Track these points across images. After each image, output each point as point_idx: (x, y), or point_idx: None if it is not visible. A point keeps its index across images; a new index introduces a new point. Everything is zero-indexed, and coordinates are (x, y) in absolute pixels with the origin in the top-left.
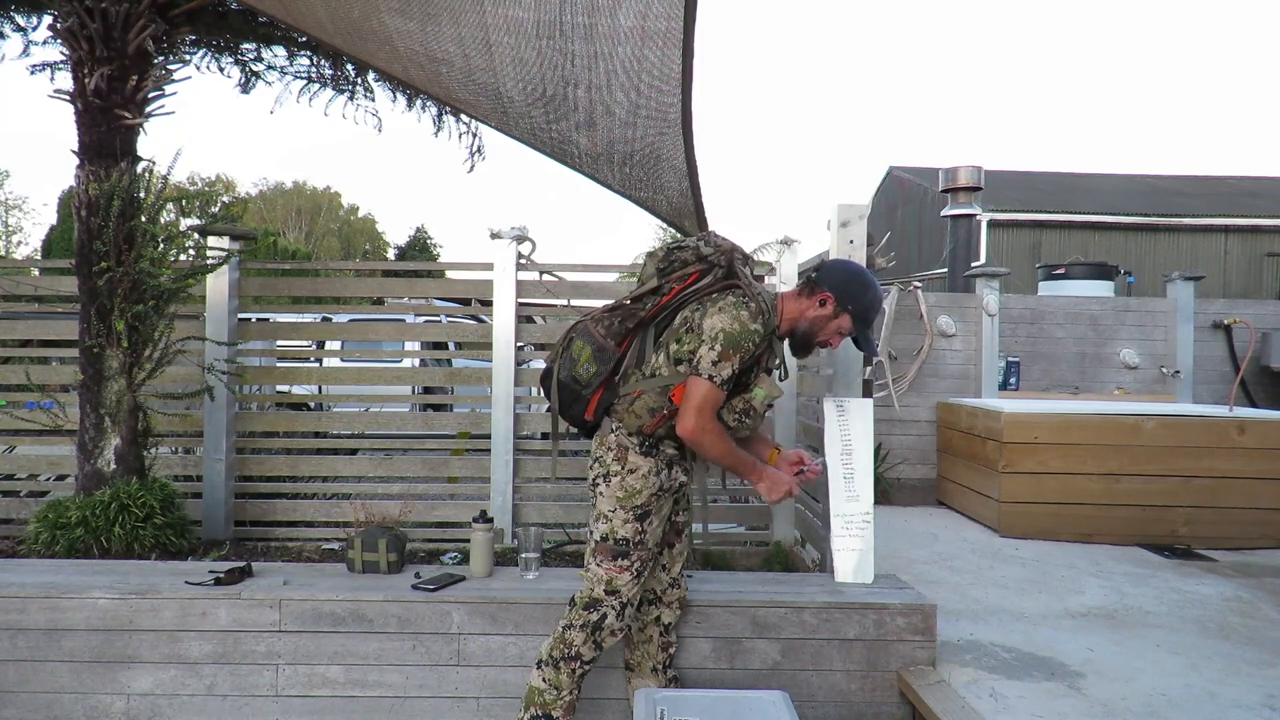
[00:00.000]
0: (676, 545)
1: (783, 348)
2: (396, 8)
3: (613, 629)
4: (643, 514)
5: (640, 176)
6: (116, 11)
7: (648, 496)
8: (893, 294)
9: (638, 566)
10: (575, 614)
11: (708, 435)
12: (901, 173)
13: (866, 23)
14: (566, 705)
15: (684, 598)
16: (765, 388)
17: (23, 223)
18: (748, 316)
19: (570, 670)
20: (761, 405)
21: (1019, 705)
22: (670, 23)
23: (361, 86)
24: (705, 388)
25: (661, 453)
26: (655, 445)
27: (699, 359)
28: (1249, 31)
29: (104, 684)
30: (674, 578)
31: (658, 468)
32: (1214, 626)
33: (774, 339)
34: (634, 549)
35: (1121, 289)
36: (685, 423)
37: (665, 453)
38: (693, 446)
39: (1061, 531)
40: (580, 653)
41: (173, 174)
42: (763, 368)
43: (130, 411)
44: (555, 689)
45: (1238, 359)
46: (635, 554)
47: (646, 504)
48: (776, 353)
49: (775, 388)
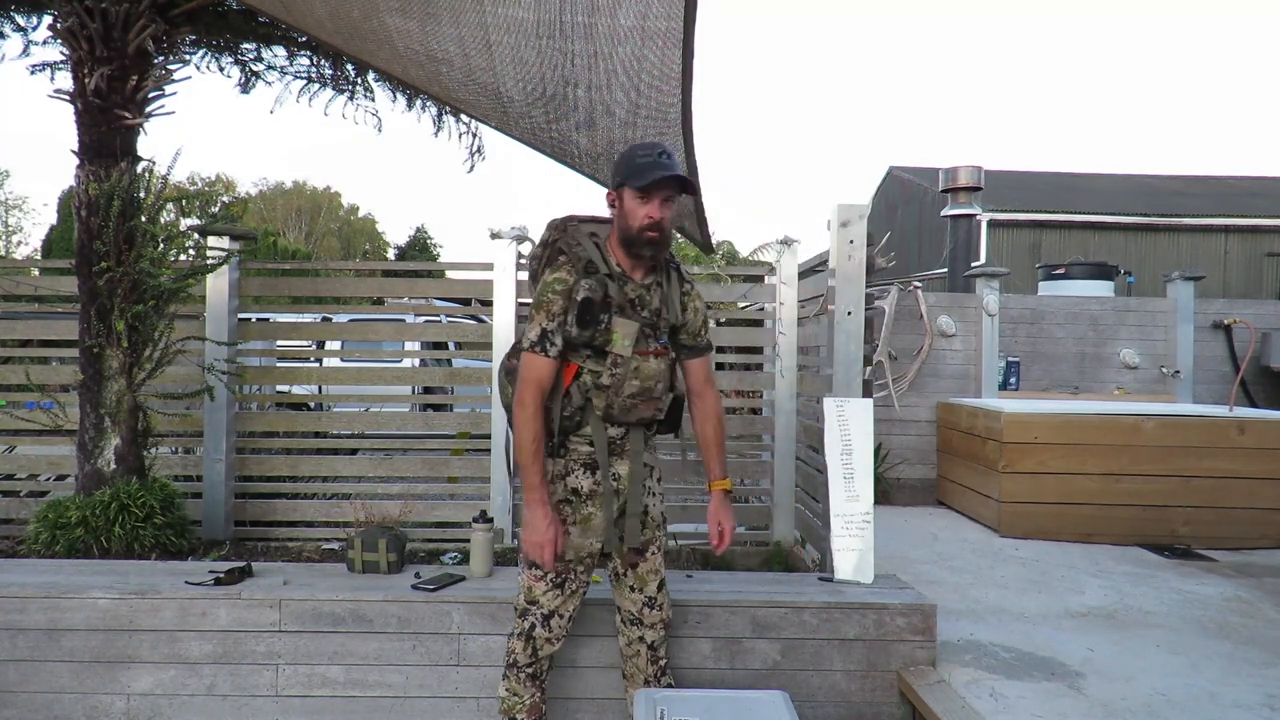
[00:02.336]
0: (640, 565)
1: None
2: (396, 8)
3: (543, 638)
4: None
5: None
6: (116, 11)
7: (555, 503)
8: (893, 294)
9: (553, 579)
10: (515, 621)
11: (518, 409)
12: (901, 173)
13: (867, 23)
14: (529, 707)
15: (667, 619)
16: (620, 329)
17: (23, 223)
18: (551, 272)
19: (518, 676)
20: (624, 348)
21: (1019, 705)
22: (670, 22)
23: (361, 86)
24: (524, 357)
25: (571, 452)
26: (563, 444)
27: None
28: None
29: (104, 684)
30: (650, 598)
31: (565, 470)
32: (1214, 626)
33: (606, 279)
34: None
35: (1121, 289)
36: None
37: (576, 451)
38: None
39: (1061, 531)
40: (518, 659)
41: (173, 174)
42: (611, 311)
43: (130, 411)
44: (515, 695)
45: (1238, 359)
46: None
47: (556, 511)
48: (614, 292)
49: (628, 325)
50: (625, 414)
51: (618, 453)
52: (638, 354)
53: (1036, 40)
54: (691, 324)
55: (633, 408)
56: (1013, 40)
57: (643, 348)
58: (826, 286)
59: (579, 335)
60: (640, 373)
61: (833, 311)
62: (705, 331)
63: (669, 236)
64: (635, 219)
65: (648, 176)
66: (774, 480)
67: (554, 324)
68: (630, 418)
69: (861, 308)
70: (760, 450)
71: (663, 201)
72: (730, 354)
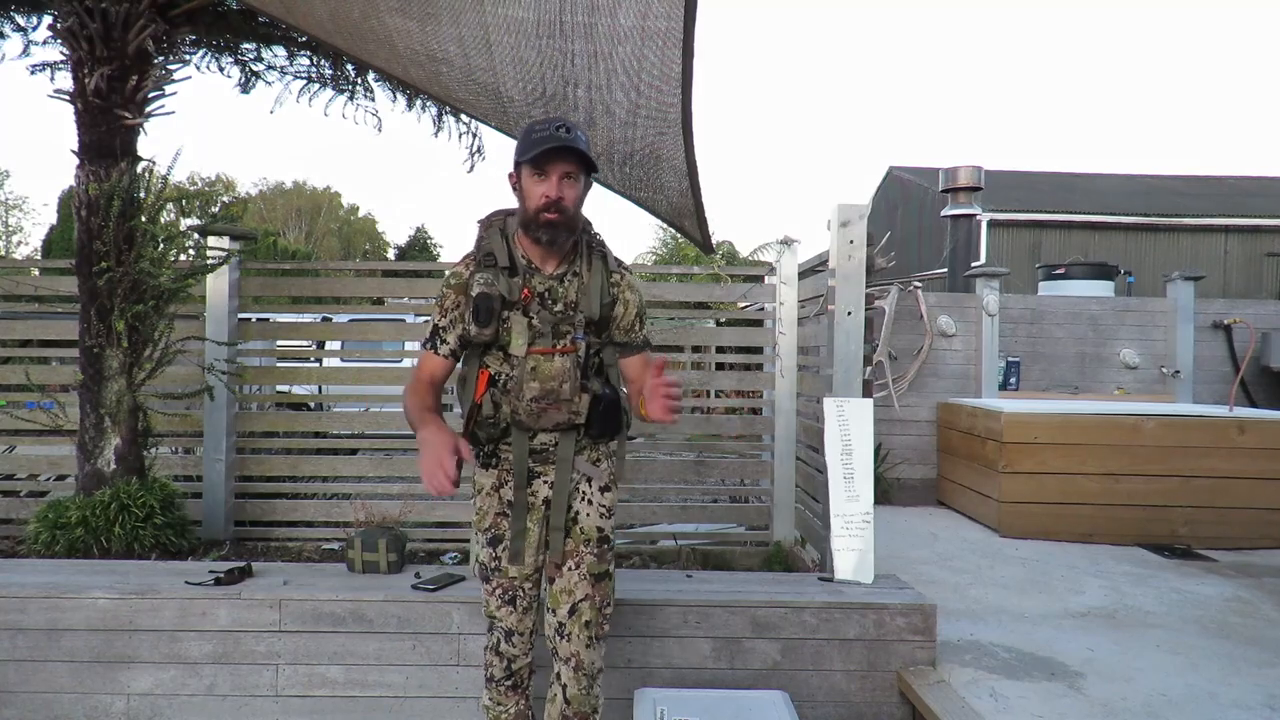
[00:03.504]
0: (557, 580)
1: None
2: (396, 8)
3: (509, 654)
4: (493, 538)
5: (640, 176)
6: (116, 11)
7: (493, 517)
8: (893, 294)
9: (501, 594)
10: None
11: (406, 391)
12: (901, 173)
13: (867, 23)
14: (514, 716)
15: (579, 655)
16: (514, 329)
17: (23, 223)
18: (451, 268)
19: (498, 688)
20: (518, 347)
21: (1019, 705)
22: (670, 22)
23: (361, 86)
24: (421, 355)
25: (503, 461)
26: (494, 454)
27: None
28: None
29: (104, 684)
30: (560, 624)
31: (499, 481)
32: (1214, 626)
33: (504, 273)
34: (493, 575)
35: (1121, 289)
36: None
37: (508, 460)
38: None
39: (1061, 531)
40: (494, 674)
41: (173, 174)
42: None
43: (130, 411)
44: (499, 705)
45: (1238, 359)
46: (495, 580)
47: (495, 525)
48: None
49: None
50: (535, 419)
51: (549, 460)
52: (535, 353)
53: (1036, 40)
54: (622, 318)
55: (541, 412)
56: (1013, 40)
57: (542, 345)
58: (826, 286)
59: (478, 334)
60: (539, 374)
61: (833, 311)
62: (641, 327)
63: (573, 219)
64: (532, 199)
65: (538, 149)
66: (774, 480)
67: (445, 320)
68: (543, 423)
69: (861, 308)
70: (760, 450)
71: (562, 178)
72: (730, 354)
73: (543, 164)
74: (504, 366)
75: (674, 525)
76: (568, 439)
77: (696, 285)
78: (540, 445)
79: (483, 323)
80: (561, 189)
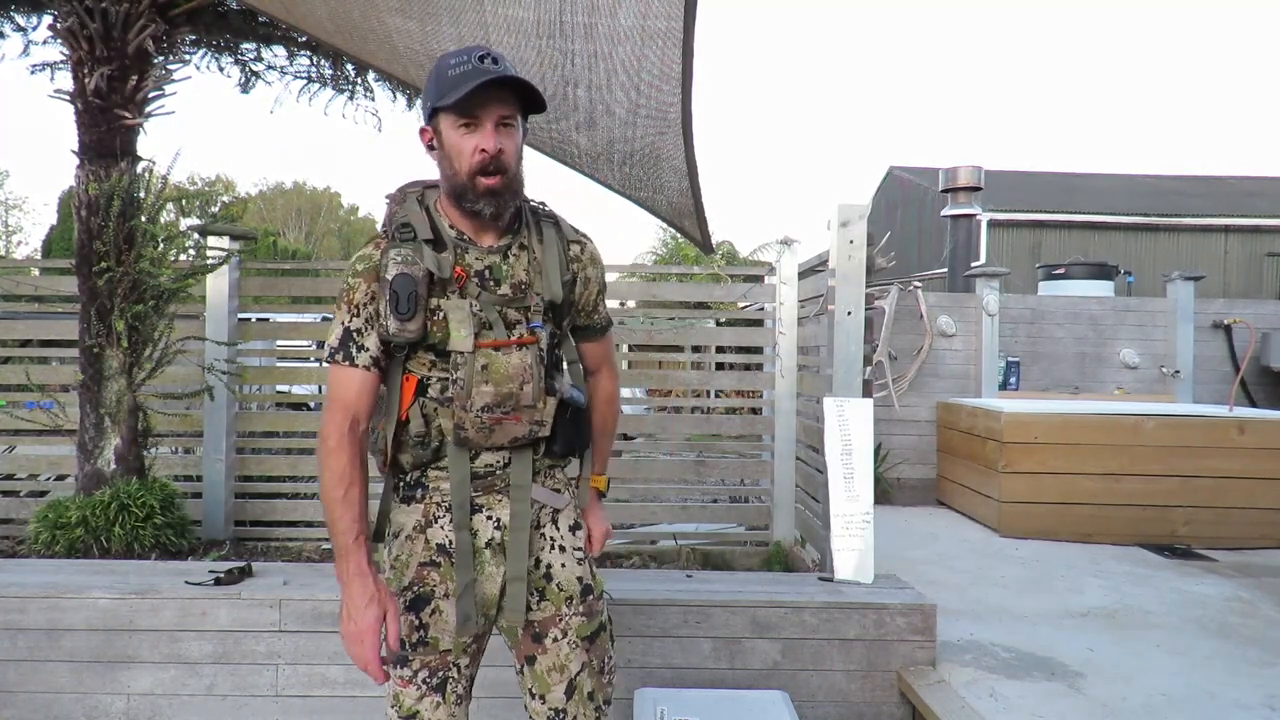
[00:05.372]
0: (539, 657)
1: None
2: (396, 7)
3: None
4: (417, 599)
5: (640, 176)
6: (116, 11)
7: (416, 569)
8: (893, 294)
9: (426, 680)
10: None
11: (319, 446)
12: (901, 173)
13: (867, 23)
14: None
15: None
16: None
17: (23, 223)
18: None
19: None
20: (462, 340)
21: (1019, 705)
22: (670, 22)
23: (361, 86)
24: (330, 372)
25: (433, 492)
26: (419, 483)
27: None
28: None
29: (104, 684)
30: (556, 711)
31: (426, 519)
32: (1214, 626)
33: (426, 246)
34: (415, 652)
35: (1121, 289)
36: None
37: (439, 490)
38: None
39: (1061, 531)
40: None
41: (173, 174)
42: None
43: (130, 411)
44: None
45: (1238, 359)
46: (417, 659)
47: (420, 579)
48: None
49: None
50: (486, 436)
51: (496, 488)
52: (484, 347)
53: (1036, 40)
54: (583, 298)
55: (494, 426)
56: (1013, 40)
57: (492, 338)
58: (826, 286)
59: (400, 330)
60: (492, 374)
61: (833, 311)
62: (603, 304)
63: (516, 179)
64: (461, 157)
65: (463, 87)
66: (774, 480)
67: (360, 319)
68: (497, 439)
69: (861, 308)
70: (760, 450)
71: (499, 125)
72: (730, 354)
73: (471, 108)
74: (435, 370)
75: (674, 525)
76: (522, 459)
77: (696, 285)
78: (484, 468)
79: (405, 313)
80: (501, 140)
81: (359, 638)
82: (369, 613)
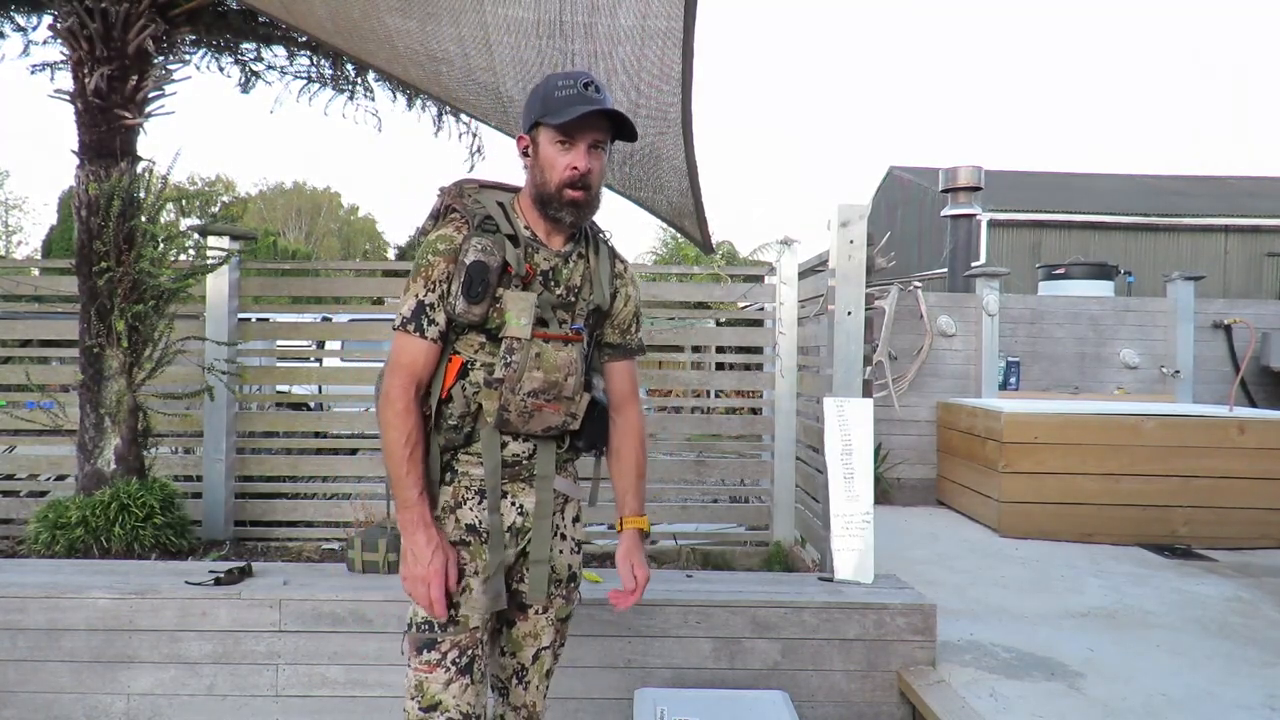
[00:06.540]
0: (520, 623)
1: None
2: (396, 7)
3: None
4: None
5: (640, 176)
6: (116, 11)
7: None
8: (893, 294)
9: (455, 657)
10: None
11: (384, 407)
12: (901, 173)
13: (867, 23)
14: None
15: (535, 707)
16: (514, 305)
17: (23, 223)
18: (435, 229)
19: None
20: (521, 328)
21: (1019, 705)
22: (670, 22)
23: (361, 86)
24: (395, 339)
25: (462, 476)
26: (450, 466)
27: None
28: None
29: (104, 684)
30: (521, 667)
31: (456, 500)
32: (1214, 626)
33: (508, 241)
34: (445, 633)
35: (1121, 289)
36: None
37: (469, 475)
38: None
39: (1061, 531)
40: None
41: (173, 174)
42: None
43: (130, 411)
44: None
45: (1238, 359)
46: (447, 639)
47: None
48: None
49: (523, 298)
50: (525, 420)
51: (521, 477)
52: (540, 337)
53: (1036, 40)
54: (621, 316)
55: (535, 411)
56: (1012, 40)
57: (548, 330)
58: (826, 286)
59: (466, 312)
60: (544, 362)
61: (833, 311)
62: (637, 330)
63: (596, 198)
64: (554, 170)
65: (570, 112)
66: (774, 480)
67: (434, 295)
68: (533, 426)
69: (861, 308)
70: (760, 450)
71: (590, 148)
72: (730, 354)
73: (571, 129)
74: (482, 353)
75: (674, 525)
76: (547, 449)
77: (696, 285)
78: (511, 457)
79: (475, 297)
80: (590, 161)
81: (426, 579)
82: (436, 558)
